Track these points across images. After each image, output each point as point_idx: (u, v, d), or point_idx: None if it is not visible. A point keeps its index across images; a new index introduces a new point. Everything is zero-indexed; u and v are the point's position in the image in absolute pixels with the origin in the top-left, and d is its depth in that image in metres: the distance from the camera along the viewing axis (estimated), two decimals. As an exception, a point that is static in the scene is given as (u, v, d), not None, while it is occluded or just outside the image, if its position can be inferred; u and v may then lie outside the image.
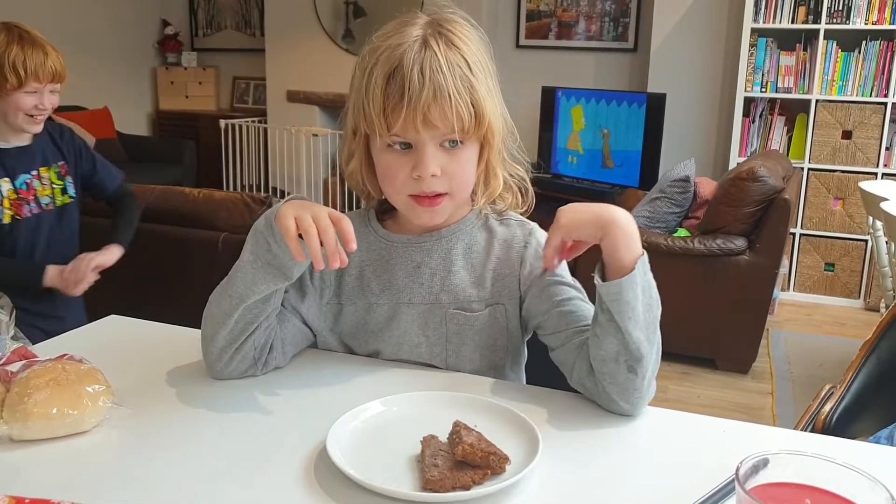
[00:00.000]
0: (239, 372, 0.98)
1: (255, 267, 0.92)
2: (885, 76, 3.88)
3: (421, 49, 0.93)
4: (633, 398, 0.90)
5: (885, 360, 1.18)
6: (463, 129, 0.94)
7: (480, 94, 0.96)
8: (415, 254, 1.05)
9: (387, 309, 1.05)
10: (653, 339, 0.91)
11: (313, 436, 0.83)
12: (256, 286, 0.92)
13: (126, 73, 6.25)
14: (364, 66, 0.96)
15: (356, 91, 0.97)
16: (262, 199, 2.32)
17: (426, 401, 0.90)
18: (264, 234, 0.91)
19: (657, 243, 3.07)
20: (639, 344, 0.89)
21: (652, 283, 0.92)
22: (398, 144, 0.96)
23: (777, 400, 2.93)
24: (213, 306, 0.97)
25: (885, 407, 1.14)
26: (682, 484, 0.75)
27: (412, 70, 0.92)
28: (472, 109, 0.94)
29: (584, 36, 5.02)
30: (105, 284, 2.37)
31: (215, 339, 0.96)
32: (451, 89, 0.93)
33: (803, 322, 3.86)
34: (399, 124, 0.93)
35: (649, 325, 0.90)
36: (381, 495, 0.72)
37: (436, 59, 0.93)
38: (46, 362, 0.86)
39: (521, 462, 0.76)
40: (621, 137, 4.47)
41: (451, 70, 0.93)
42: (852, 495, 0.60)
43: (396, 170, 0.97)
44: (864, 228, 3.97)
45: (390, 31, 0.97)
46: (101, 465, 0.79)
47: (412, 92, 0.91)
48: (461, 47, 0.96)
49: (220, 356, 0.97)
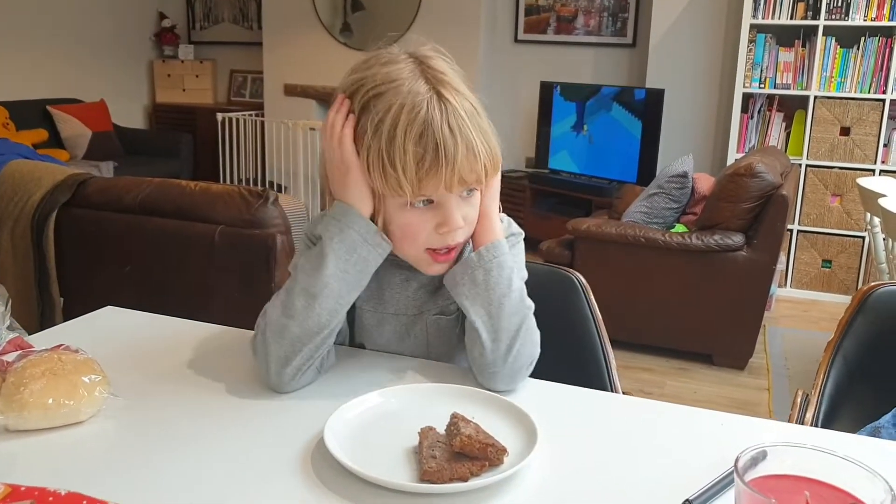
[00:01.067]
0: (304, 384, 0.94)
1: (342, 280, 0.91)
2: (884, 73, 3.88)
3: (439, 104, 0.89)
4: (486, 372, 0.94)
5: (851, 360, 1.17)
6: (484, 177, 0.93)
7: (493, 137, 0.94)
8: (403, 268, 1.03)
9: (371, 316, 1.05)
10: (497, 315, 0.94)
11: (310, 427, 0.83)
12: (344, 297, 0.92)
13: (123, 66, 6.23)
14: (373, 124, 0.89)
15: (374, 154, 0.90)
16: (259, 192, 2.31)
17: (424, 392, 0.90)
18: (357, 242, 0.92)
19: (655, 239, 3.07)
20: (476, 318, 0.94)
21: (499, 264, 0.95)
22: (421, 202, 0.92)
23: (773, 396, 2.93)
24: (292, 327, 0.90)
25: (859, 405, 1.14)
26: (680, 476, 0.75)
27: (442, 130, 0.88)
28: (491, 156, 0.93)
29: (582, 31, 5.01)
30: (101, 277, 2.36)
31: (290, 361, 0.90)
32: (477, 142, 0.90)
33: (800, 318, 3.86)
34: (433, 185, 0.89)
35: (492, 302, 0.94)
36: (378, 486, 0.72)
37: (455, 112, 0.90)
38: (42, 352, 0.85)
39: (519, 454, 0.76)
40: (619, 133, 4.47)
41: (471, 120, 0.91)
42: (851, 487, 0.60)
43: (419, 227, 0.93)
44: (861, 225, 3.98)
45: (386, 80, 0.91)
46: (98, 455, 0.79)
47: (448, 154, 0.88)
48: (462, 91, 0.93)
49: (295, 374, 0.91)
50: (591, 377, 1.17)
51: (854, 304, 1.18)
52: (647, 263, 3.13)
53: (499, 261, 0.95)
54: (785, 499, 0.57)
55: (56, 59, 5.58)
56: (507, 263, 0.96)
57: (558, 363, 1.01)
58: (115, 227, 2.31)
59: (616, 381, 1.18)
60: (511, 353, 0.93)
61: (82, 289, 2.39)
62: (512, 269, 0.96)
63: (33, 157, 3.96)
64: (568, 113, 4.72)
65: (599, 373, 1.18)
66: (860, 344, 1.16)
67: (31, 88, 5.37)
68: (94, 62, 5.92)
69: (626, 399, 0.95)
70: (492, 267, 0.95)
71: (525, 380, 0.97)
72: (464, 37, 4.99)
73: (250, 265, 2.16)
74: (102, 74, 5.99)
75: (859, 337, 1.16)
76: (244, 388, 0.94)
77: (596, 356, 1.19)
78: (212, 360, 1.02)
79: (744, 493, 0.58)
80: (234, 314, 1.26)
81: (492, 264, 0.95)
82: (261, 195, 2.30)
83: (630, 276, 3.17)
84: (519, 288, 0.96)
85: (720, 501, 0.71)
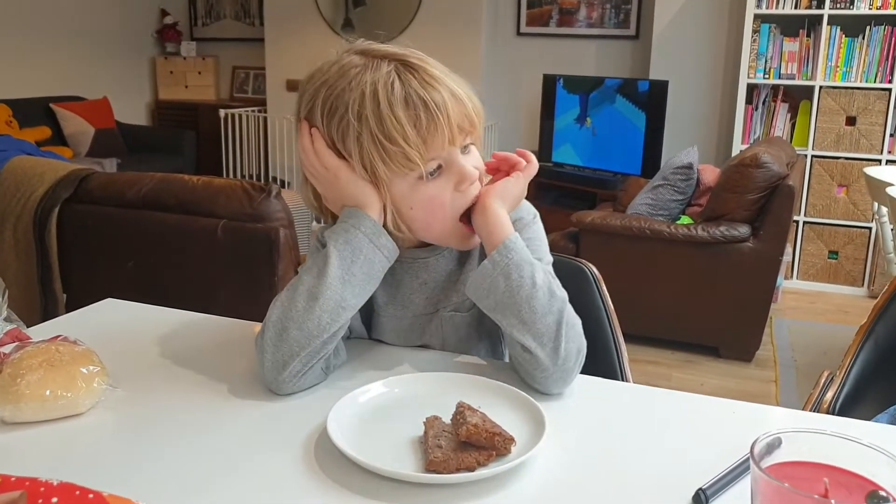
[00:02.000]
0: (307, 385, 0.90)
1: (346, 282, 0.89)
2: (890, 62, 3.85)
3: (407, 70, 0.90)
4: (538, 377, 0.89)
5: (882, 344, 1.16)
6: (476, 124, 0.93)
7: (467, 85, 0.94)
8: (420, 270, 1.02)
9: (390, 320, 1.04)
10: (531, 320, 0.88)
11: (313, 417, 0.81)
12: (348, 301, 0.89)
13: (125, 63, 6.22)
14: (355, 113, 0.88)
15: (368, 140, 0.88)
16: (262, 186, 2.30)
17: (429, 382, 0.88)
18: (363, 243, 0.90)
19: (660, 231, 3.05)
20: (511, 328, 0.88)
21: (517, 264, 0.89)
22: (430, 172, 0.91)
23: (781, 388, 2.91)
24: (292, 329, 0.87)
25: (885, 391, 1.13)
26: (692, 465, 0.73)
27: (423, 87, 0.88)
28: (475, 104, 0.93)
29: (585, 23, 4.99)
30: (104, 272, 2.35)
31: (288, 365, 0.86)
32: (457, 88, 0.90)
33: (806, 310, 3.84)
34: (438, 142, 0.88)
35: (521, 307, 0.88)
36: (383, 477, 0.70)
37: (426, 71, 0.90)
38: (40, 344, 0.84)
39: (527, 443, 0.74)
40: (623, 125, 4.45)
41: (441, 72, 0.91)
42: (871, 473, 0.58)
43: (441, 194, 0.92)
44: (867, 216, 3.95)
45: (339, 78, 0.90)
46: (96, 447, 0.77)
47: (439, 105, 0.88)
48: (421, 57, 0.93)
49: (293, 378, 0.87)
50: (602, 368, 1.15)
51: (891, 289, 1.17)
52: (652, 256, 3.11)
53: (516, 261, 0.89)
54: (803, 486, 0.55)
55: (58, 56, 5.57)
56: (525, 260, 0.90)
57: None
58: (118, 223, 2.30)
59: (628, 373, 1.16)
60: (559, 354, 0.87)
61: (85, 284, 2.38)
62: (532, 264, 0.90)
63: (36, 154, 3.96)
64: (571, 106, 4.70)
65: (611, 364, 1.17)
66: (893, 329, 1.14)
67: (34, 86, 5.36)
68: (96, 59, 5.91)
69: (635, 388, 0.93)
70: (510, 270, 0.89)
71: (578, 375, 0.91)
72: (466, 30, 4.97)
73: (253, 259, 2.15)
74: (105, 72, 5.98)
75: (893, 322, 1.14)
76: (246, 378, 0.93)
77: (608, 347, 1.17)
78: (213, 351, 1.01)
79: (760, 481, 0.56)
80: (238, 308, 1.24)
81: (509, 268, 0.89)
82: (263, 189, 2.28)
83: (635, 268, 3.15)
84: (545, 283, 0.89)
85: (734, 490, 0.70)
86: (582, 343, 0.90)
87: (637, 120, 4.35)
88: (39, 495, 0.53)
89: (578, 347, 0.89)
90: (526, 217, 1.02)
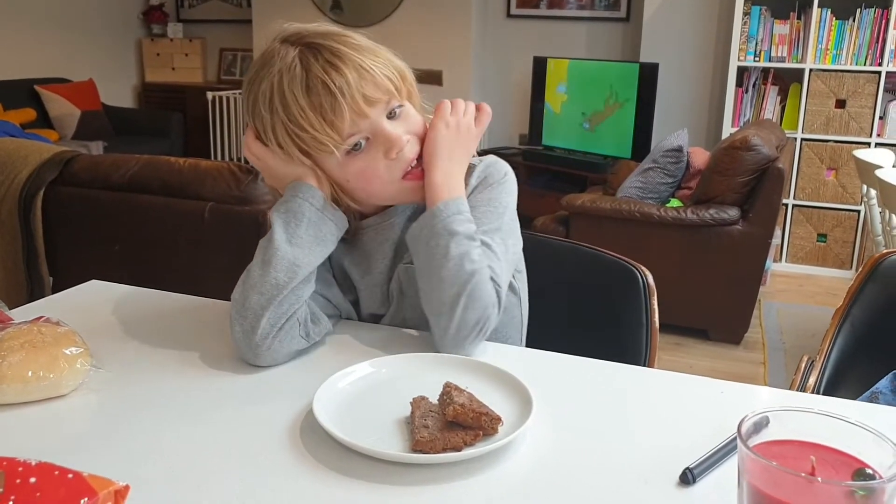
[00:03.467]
0: (286, 353, 0.90)
1: (293, 244, 0.92)
2: (880, 45, 3.84)
3: (311, 52, 0.91)
4: (434, 339, 0.93)
5: (858, 327, 1.17)
6: (397, 88, 0.94)
7: (386, 54, 0.95)
8: (382, 233, 1.02)
9: (368, 291, 1.04)
10: (434, 288, 0.90)
11: (299, 398, 0.80)
12: (300, 259, 0.91)
13: (111, 45, 6.15)
14: (266, 105, 0.91)
15: (281, 130, 0.91)
16: (250, 168, 2.28)
17: (416, 362, 0.88)
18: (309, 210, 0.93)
19: (650, 214, 3.05)
20: (420, 290, 0.93)
21: (437, 233, 0.91)
22: (354, 146, 0.93)
23: (769, 370, 2.93)
24: (252, 296, 0.89)
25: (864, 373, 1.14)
26: (680, 445, 0.73)
27: (323, 69, 0.89)
28: (390, 68, 0.94)
29: (575, 5, 4.96)
30: (90, 255, 2.33)
31: (256, 330, 0.88)
32: (366, 60, 0.91)
33: (795, 293, 3.86)
34: (347, 122, 0.90)
35: (431, 275, 0.91)
36: (369, 457, 0.70)
37: (331, 48, 0.91)
38: (21, 325, 0.83)
39: (514, 423, 0.74)
40: (613, 107, 4.43)
41: (353, 48, 0.92)
42: (858, 452, 0.58)
43: (372, 165, 0.94)
44: (856, 198, 3.96)
45: (259, 70, 0.94)
46: (79, 428, 0.77)
47: (339, 84, 0.89)
48: (336, 33, 0.94)
49: (265, 342, 0.88)
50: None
51: (864, 271, 1.17)
52: (641, 238, 3.11)
53: (437, 230, 0.91)
54: (790, 464, 0.55)
55: (43, 37, 5.50)
56: (446, 229, 0.91)
57: (595, 347, 0.97)
58: (104, 205, 2.27)
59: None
60: (451, 324, 0.89)
61: (71, 267, 2.37)
62: (453, 234, 0.91)
63: (20, 136, 3.92)
64: (561, 88, 4.68)
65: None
66: (869, 311, 1.15)
67: (18, 68, 5.29)
68: (82, 41, 5.84)
69: (623, 367, 0.93)
70: (429, 238, 0.91)
71: (479, 344, 0.93)
72: (456, 12, 4.93)
73: (240, 241, 2.13)
74: (91, 53, 5.91)
75: (868, 304, 1.15)
76: (230, 360, 0.92)
77: (636, 358, 1.14)
78: (197, 332, 1.00)
79: (747, 459, 0.56)
80: (224, 290, 1.23)
81: (429, 236, 0.91)
82: (251, 171, 2.26)
83: (625, 251, 3.11)
84: (458, 254, 0.90)
85: (721, 470, 0.70)
86: (485, 315, 0.90)
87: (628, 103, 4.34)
88: (18, 475, 0.52)
89: (478, 319, 0.90)
90: (493, 176, 1.02)
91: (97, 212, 2.29)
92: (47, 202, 2.29)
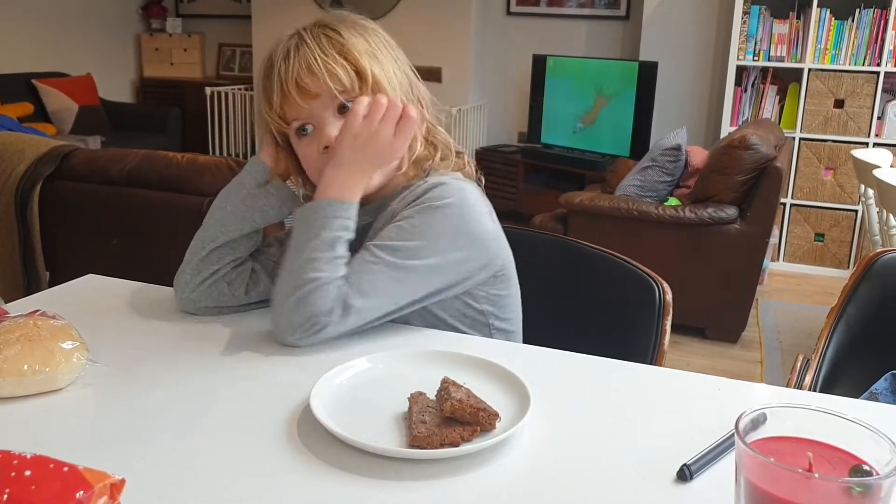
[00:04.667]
0: (208, 297, 1.01)
1: (223, 209, 1.03)
2: (878, 45, 3.85)
3: (295, 41, 0.97)
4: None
5: (853, 326, 1.17)
6: (344, 87, 0.95)
7: (357, 50, 0.96)
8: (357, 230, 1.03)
9: None
10: (280, 276, 0.94)
11: (296, 393, 0.80)
12: (226, 226, 1.02)
13: (109, 40, 6.13)
14: (256, 86, 1.05)
15: (256, 108, 1.04)
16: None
17: (414, 358, 0.88)
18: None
19: (648, 212, 3.05)
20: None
21: (300, 227, 0.94)
22: (302, 130, 0.98)
23: (766, 369, 2.93)
24: (189, 251, 1.04)
25: (859, 372, 1.14)
26: (677, 441, 0.73)
27: (282, 61, 0.96)
28: (347, 66, 0.95)
29: (575, 3, 4.95)
30: (88, 250, 2.33)
31: (184, 274, 1.02)
32: (318, 54, 0.95)
33: (792, 292, 3.86)
34: (288, 106, 0.97)
35: (285, 259, 0.95)
36: (366, 453, 0.69)
37: (304, 42, 0.96)
38: (17, 318, 0.82)
39: (512, 419, 0.74)
40: (612, 106, 4.43)
41: (318, 41, 0.96)
42: (855, 449, 0.58)
43: (309, 154, 0.99)
44: (854, 198, 3.97)
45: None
46: (75, 422, 0.76)
47: (282, 71, 0.95)
48: (337, 27, 0.98)
49: (185, 288, 1.01)
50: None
51: (859, 270, 1.16)
52: (640, 237, 3.11)
53: (307, 220, 0.94)
54: (787, 460, 0.55)
55: (41, 31, 5.48)
56: (312, 226, 0.93)
57: (598, 344, 0.96)
58: (102, 200, 2.27)
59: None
60: (277, 316, 0.93)
61: (69, 262, 2.36)
62: (317, 235, 0.92)
63: (17, 129, 3.90)
64: (561, 86, 4.67)
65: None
66: (863, 310, 1.14)
67: (16, 62, 5.27)
68: (80, 35, 5.82)
69: (621, 364, 0.93)
70: (300, 224, 0.95)
71: (309, 342, 0.92)
72: (456, 9, 4.92)
73: (238, 237, 2.13)
74: (89, 48, 5.90)
75: (863, 303, 1.15)
76: (227, 355, 0.92)
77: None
78: (194, 327, 1.00)
79: (745, 455, 0.56)
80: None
81: (301, 222, 0.95)
82: (249, 167, 2.26)
83: (623, 249, 3.11)
84: (308, 259, 0.91)
85: (718, 466, 0.70)
86: (312, 322, 0.90)
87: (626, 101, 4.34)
88: (12, 468, 0.52)
89: (302, 323, 0.90)
90: (429, 200, 0.96)
91: (94, 206, 2.28)
92: (44, 196, 2.28)
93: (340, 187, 0.94)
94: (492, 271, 1.02)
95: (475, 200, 0.99)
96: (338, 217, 0.93)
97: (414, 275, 0.94)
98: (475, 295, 1.02)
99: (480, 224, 0.98)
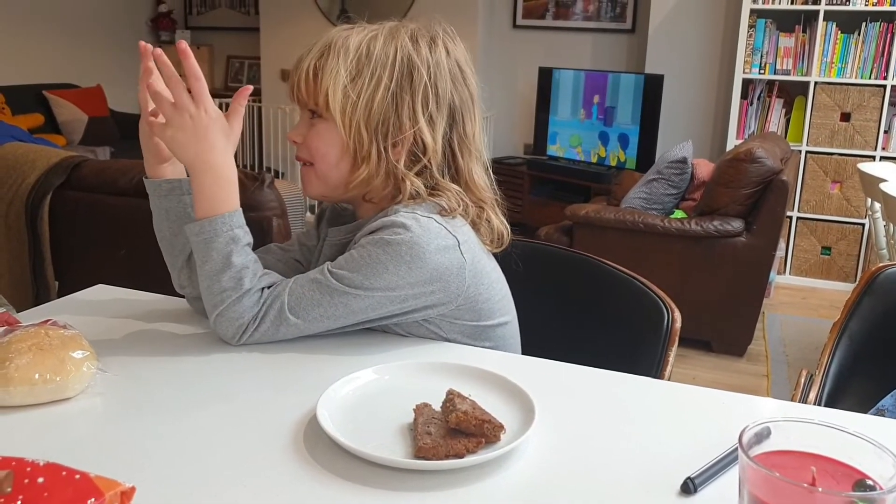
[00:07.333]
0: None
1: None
2: (885, 58, 3.85)
3: (330, 38, 1.01)
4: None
5: (856, 340, 1.16)
6: (302, 97, 1.01)
7: (327, 68, 0.97)
8: (334, 247, 1.07)
9: None
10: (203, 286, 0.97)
11: (303, 404, 0.81)
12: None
13: (119, 52, 6.18)
14: None
15: None
16: (256, 175, 2.29)
17: (419, 369, 0.88)
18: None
19: (654, 224, 3.06)
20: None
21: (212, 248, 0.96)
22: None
23: (772, 382, 2.92)
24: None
25: (863, 386, 1.13)
26: (681, 455, 0.74)
27: (303, 54, 1.02)
28: (311, 81, 0.99)
29: (581, 16, 4.98)
30: (96, 260, 2.34)
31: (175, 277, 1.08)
32: (307, 72, 0.99)
33: (799, 305, 3.85)
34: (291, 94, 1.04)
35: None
36: (372, 464, 0.70)
37: (323, 43, 1.00)
38: (29, 327, 0.83)
39: (517, 431, 0.74)
40: (618, 118, 4.45)
41: (324, 55, 0.99)
42: (858, 463, 0.58)
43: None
44: (861, 212, 3.96)
45: None
46: (85, 430, 0.77)
47: (294, 67, 1.02)
48: (366, 37, 1.00)
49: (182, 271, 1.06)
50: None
51: (861, 284, 1.17)
52: (645, 249, 3.12)
53: (191, 244, 0.98)
54: (791, 474, 0.55)
55: (52, 43, 5.53)
56: (194, 250, 0.98)
57: (602, 359, 0.97)
58: (111, 210, 2.28)
59: None
60: (213, 324, 0.96)
61: (77, 272, 2.37)
62: (204, 260, 0.96)
63: (28, 140, 3.93)
64: (566, 99, 4.69)
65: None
66: (866, 325, 1.14)
67: (27, 73, 5.32)
68: (90, 47, 5.87)
69: (626, 377, 0.93)
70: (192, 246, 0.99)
71: (252, 339, 0.96)
72: (462, 22, 4.95)
73: (246, 248, 2.14)
74: (99, 59, 5.94)
75: (865, 318, 1.14)
76: (235, 365, 0.92)
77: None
78: (203, 336, 1.00)
79: (749, 469, 0.56)
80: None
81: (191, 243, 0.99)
82: (257, 178, 2.27)
83: (628, 262, 3.11)
84: (210, 283, 0.95)
85: (722, 480, 0.70)
86: (240, 327, 0.94)
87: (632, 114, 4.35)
88: (26, 475, 0.52)
89: (234, 332, 0.95)
90: (385, 236, 0.94)
91: (104, 216, 2.30)
92: (54, 207, 2.30)
93: (211, 201, 0.97)
94: (452, 306, 0.98)
95: (432, 237, 0.94)
96: (218, 235, 0.96)
97: (355, 302, 0.94)
98: (439, 324, 1.00)
99: (433, 261, 0.94)
